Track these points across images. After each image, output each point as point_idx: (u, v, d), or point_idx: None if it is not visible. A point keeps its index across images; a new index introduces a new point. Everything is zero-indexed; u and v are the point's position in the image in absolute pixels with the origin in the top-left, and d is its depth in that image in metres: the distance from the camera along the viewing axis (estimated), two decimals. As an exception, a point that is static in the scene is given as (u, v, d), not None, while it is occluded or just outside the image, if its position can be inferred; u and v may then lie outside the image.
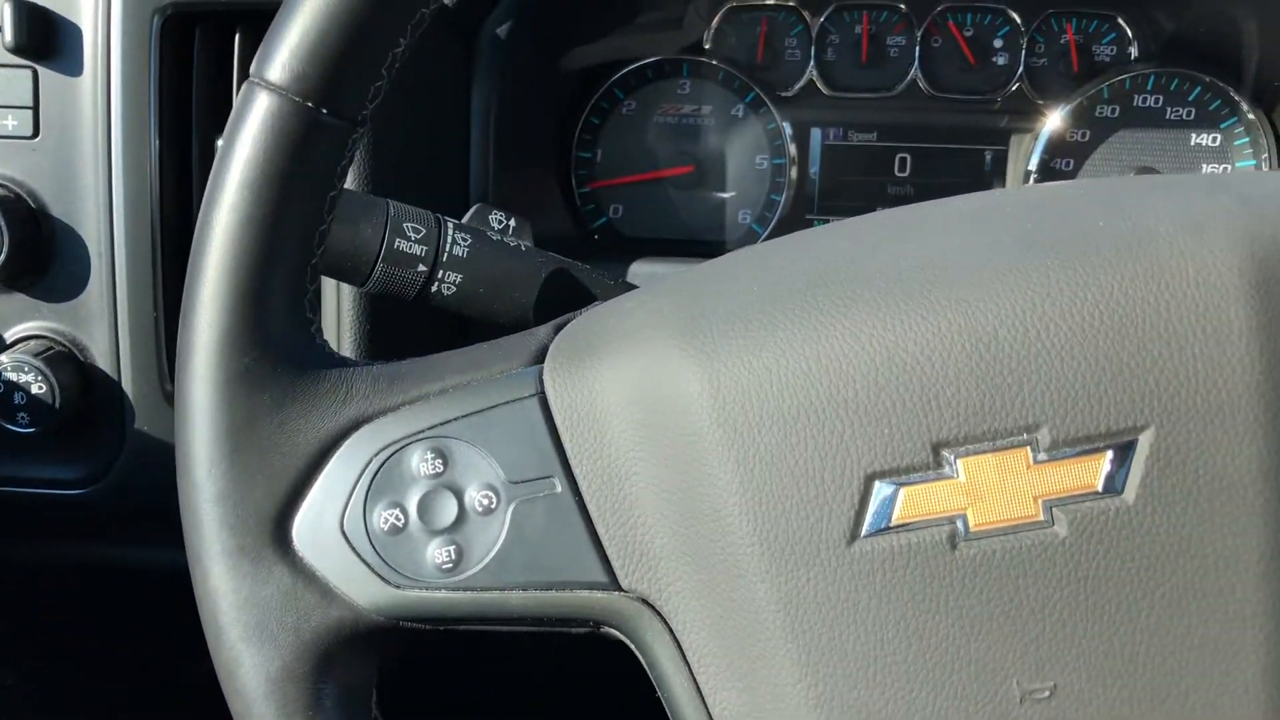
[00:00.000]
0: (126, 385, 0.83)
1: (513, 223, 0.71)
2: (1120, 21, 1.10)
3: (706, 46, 1.12)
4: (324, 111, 0.42)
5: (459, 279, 0.65)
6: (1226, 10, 1.02)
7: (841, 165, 1.15)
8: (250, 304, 0.42)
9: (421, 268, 0.64)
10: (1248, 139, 1.07)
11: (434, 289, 0.65)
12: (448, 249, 0.65)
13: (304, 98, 0.41)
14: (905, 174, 1.14)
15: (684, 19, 1.10)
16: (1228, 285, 0.37)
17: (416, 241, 0.64)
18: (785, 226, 1.13)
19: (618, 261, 1.01)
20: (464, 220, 0.69)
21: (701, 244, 1.13)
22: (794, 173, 1.12)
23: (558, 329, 0.49)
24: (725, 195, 1.13)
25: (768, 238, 1.12)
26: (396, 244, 0.63)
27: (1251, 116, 1.06)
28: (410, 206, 0.66)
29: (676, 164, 1.12)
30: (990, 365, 0.38)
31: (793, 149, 1.12)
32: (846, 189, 1.16)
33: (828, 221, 1.16)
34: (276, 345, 0.43)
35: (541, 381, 0.44)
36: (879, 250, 0.45)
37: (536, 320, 0.68)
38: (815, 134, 1.15)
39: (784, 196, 1.13)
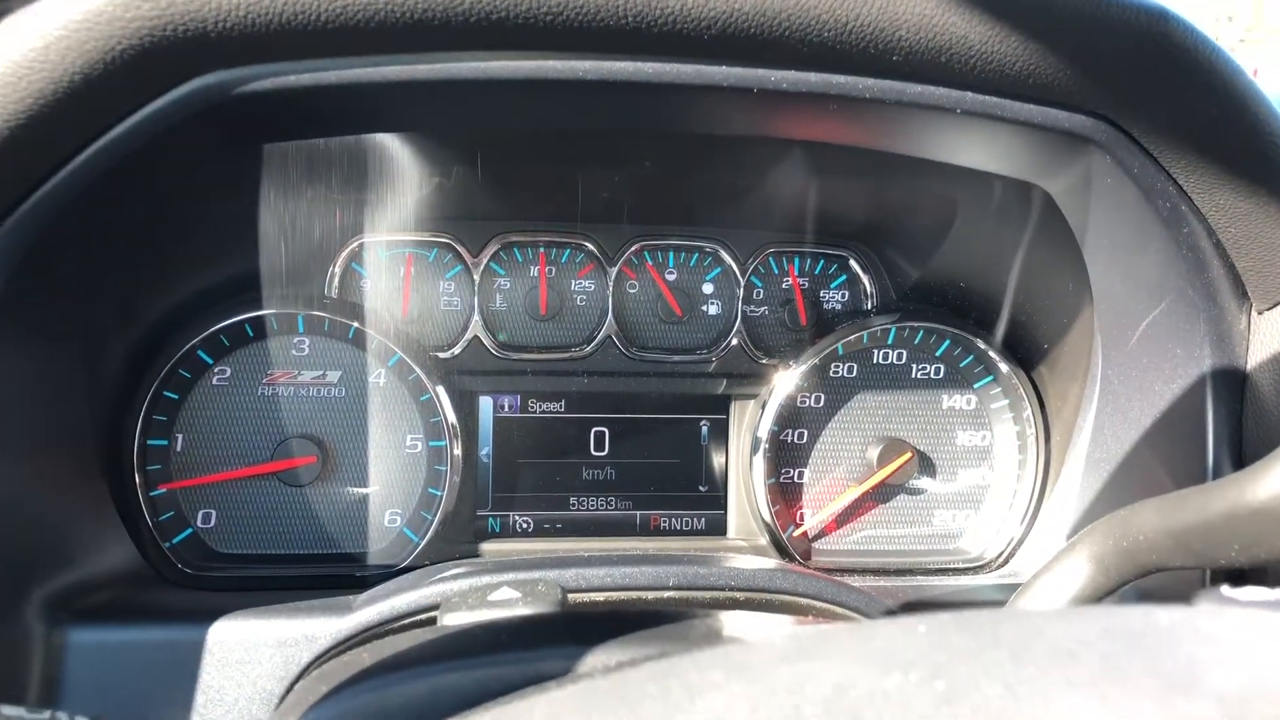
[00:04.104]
0: None
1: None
2: (852, 264, 0.90)
3: (331, 296, 0.83)
4: None
5: None
6: (976, 255, 0.83)
7: (520, 445, 0.88)
8: None
9: None
10: (1006, 401, 0.88)
11: None
12: None
13: None
14: (604, 453, 0.88)
15: (302, 260, 0.82)
16: None
17: None
18: (449, 528, 0.83)
19: (201, 618, 0.66)
20: None
21: (334, 559, 0.82)
22: (458, 455, 0.84)
23: None
24: (365, 491, 0.83)
25: (426, 545, 0.82)
26: None
27: (1009, 374, 0.87)
28: None
29: (294, 452, 0.81)
30: None
31: (455, 424, 0.84)
32: (529, 476, 0.89)
33: (505, 518, 0.88)
34: None
35: None
36: None
37: None
38: (484, 405, 0.88)
39: (445, 489, 0.83)
